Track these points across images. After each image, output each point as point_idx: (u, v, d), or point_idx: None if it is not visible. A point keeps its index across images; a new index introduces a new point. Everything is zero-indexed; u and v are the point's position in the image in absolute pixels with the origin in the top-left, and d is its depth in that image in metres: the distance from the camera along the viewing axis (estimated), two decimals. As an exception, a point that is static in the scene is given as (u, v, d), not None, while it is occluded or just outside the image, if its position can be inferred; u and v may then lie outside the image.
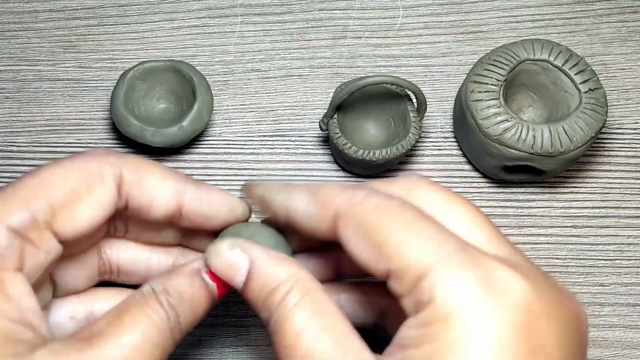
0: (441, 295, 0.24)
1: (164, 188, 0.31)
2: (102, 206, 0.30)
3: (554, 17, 0.54)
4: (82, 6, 0.53)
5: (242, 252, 0.29)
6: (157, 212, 0.32)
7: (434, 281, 0.25)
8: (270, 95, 0.51)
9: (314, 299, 0.27)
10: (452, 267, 0.25)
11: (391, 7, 0.54)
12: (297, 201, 0.29)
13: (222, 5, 0.53)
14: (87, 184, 0.29)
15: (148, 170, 0.31)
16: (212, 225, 0.33)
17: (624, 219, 0.49)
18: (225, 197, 0.33)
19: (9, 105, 0.50)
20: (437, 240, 0.26)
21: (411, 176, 0.30)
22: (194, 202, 0.32)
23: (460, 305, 0.24)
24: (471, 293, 0.24)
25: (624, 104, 0.51)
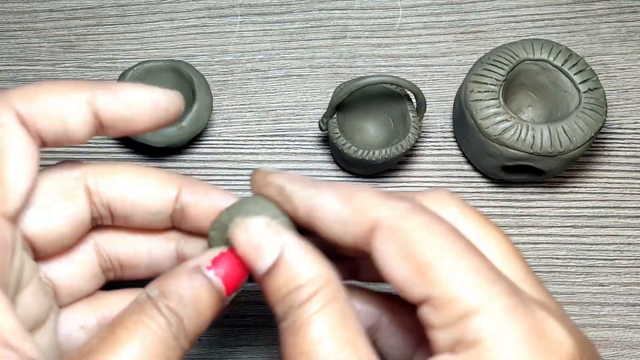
0: (489, 341, 0.23)
1: (72, 105, 0.27)
2: (25, 155, 0.26)
3: (554, 17, 0.54)
4: (81, 6, 0.53)
5: (276, 234, 0.26)
6: (77, 134, 0.28)
7: (483, 324, 0.23)
8: (270, 95, 0.51)
9: (339, 309, 0.25)
10: (503, 311, 0.23)
11: (391, 7, 0.54)
12: (327, 201, 0.26)
13: (221, 5, 0.53)
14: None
15: (46, 94, 0.27)
16: (141, 126, 0.28)
17: (624, 219, 0.49)
18: (143, 91, 0.28)
19: (9, 105, 0.50)
20: (488, 277, 0.24)
21: (441, 192, 0.28)
22: (109, 106, 0.27)
23: (508, 355, 0.23)
24: (522, 344, 0.23)
25: (624, 104, 0.51)
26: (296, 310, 0.25)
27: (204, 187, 0.30)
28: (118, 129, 0.28)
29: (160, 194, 0.29)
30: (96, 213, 0.29)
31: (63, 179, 0.29)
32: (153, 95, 0.28)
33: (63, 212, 0.28)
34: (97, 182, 0.29)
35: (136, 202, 0.29)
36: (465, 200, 0.28)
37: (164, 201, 0.30)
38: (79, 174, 0.29)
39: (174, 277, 0.27)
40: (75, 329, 0.30)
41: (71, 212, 0.29)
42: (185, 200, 0.30)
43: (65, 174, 0.29)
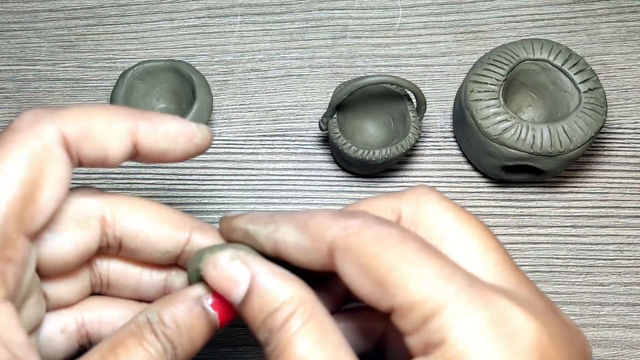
0: (453, 338, 0.23)
1: (115, 132, 0.28)
2: (60, 180, 0.27)
3: (554, 17, 0.54)
4: (81, 6, 0.53)
5: (243, 264, 0.27)
6: (114, 160, 0.28)
7: (444, 322, 0.23)
8: (270, 95, 0.51)
9: (319, 324, 0.25)
10: (463, 306, 0.24)
11: (391, 6, 0.54)
12: (285, 234, 0.27)
13: (221, 5, 0.53)
14: (36, 167, 0.26)
15: (92, 118, 0.27)
16: (173, 158, 0.30)
17: (624, 219, 0.49)
18: (180, 125, 0.29)
19: (9, 105, 0.50)
20: (444, 275, 0.24)
21: (420, 189, 0.28)
22: (149, 138, 0.28)
23: (473, 348, 0.23)
24: (484, 335, 0.23)
25: (624, 104, 0.51)
26: (276, 334, 0.25)
27: (216, 232, 0.31)
28: (152, 159, 0.29)
29: (172, 236, 0.30)
30: (105, 243, 0.30)
31: (81, 206, 0.29)
32: (189, 129, 0.29)
33: (74, 239, 0.29)
34: (114, 215, 0.29)
35: (148, 240, 0.30)
36: (442, 194, 0.28)
37: (175, 243, 0.30)
38: (97, 204, 0.29)
39: (173, 304, 0.28)
40: (56, 332, 0.31)
41: (82, 241, 0.29)
42: (195, 243, 0.31)
43: (84, 202, 0.29)
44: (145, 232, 0.29)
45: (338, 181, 0.49)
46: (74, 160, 0.28)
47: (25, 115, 0.27)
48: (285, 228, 0.27)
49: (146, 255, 0.30)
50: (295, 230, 0.27)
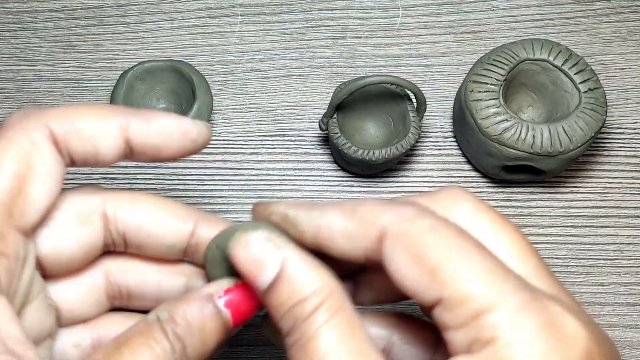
0: (505, 337, 0.23)
1: (105, 129, 0.27)
2: (50, 174, 0.27)
3: (554, 17, 0.54)
4: (81, 6, 0.53)
5: (276, 247, 0.26)
6: (106, 157, 0.28)
7: (497, 320, 0.23)
8: (270, 95, 0.51)
9: (346, 319, 0.25)
10: (517, 307, 0.23)
11: (391, 6, 0.54)
12: (332, 218, 0.26)
13: (221, 5, 0.53)
14: (24, 161, 0.26)
15: (81, 116, 0.27)
16: (169, 154, 0.29)
17: (624, 219, 0.49)
18: (174, 121, 0.28)
19: (9, 105, 0.50)
20: (499, 275, 0.24)
21: (454, 190, 0.28)
22: (141, 134, 0.28)
23: (526, 350, 0.23)
24: (538, 339, 0.23)
25: (624, 104, 0.51)
26: (302, 325, 0.25)
27: (221, 222, 0.31)
28: (147, 156, 0.29)
29: (176, 228, 0.30)
30: (110, 240, 0.30)
31: (82, 203, 0.29)
32: (183, 125, 0.29)
33: (76, 236, 0.29)
34: (116, 210, 0.29)
35: (151, 234, 0.29)
36: (477, 197, 0.28)
37: (179, 235, 0.30)
38: (98, 200, 0.29)
39: (185, 303, 0.27)
40: (69, 347, 0.30)
41: (84, 237, 0.29)
42: (200, 235, 0.30)
43: (85, 199, 0.29)
44: (148, 225, 0.29)
45: (338, 181, 0.49)
46: (65, 157, 0.28)
47: (14, 114, 0.27)
48: (331, 213, 0.26)
49: (153, 251, 0.30)
50: (342, 215, 0.26)
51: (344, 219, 0.26)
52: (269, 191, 0.49)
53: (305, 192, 0.49)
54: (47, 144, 0.27)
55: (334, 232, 0.26)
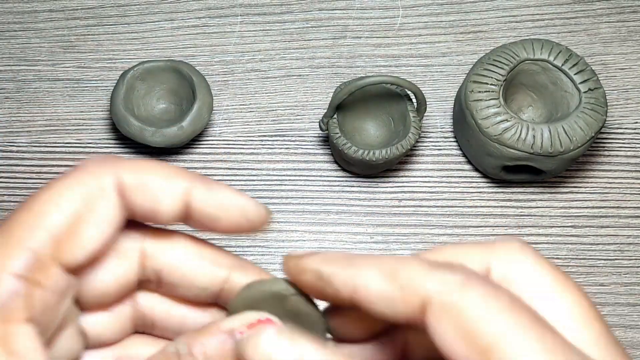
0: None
1: (169, 189, 0.28)
2: (108, 221, 0.27)
3: (554, 17, 0.54)
4: (81, 6, 0.53)
5: (290, 344, 0.25)
6: (165, 216, 0.29)
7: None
8: (270, 95, 0.51)
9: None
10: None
11: (391, 7, 0.54)
12: (371, 280, 0.25)
13: (221, 5, 0.53)
14: (86, 203, 0.27)
15: (150, 172, 0.28)
16: (223, 228, 0.29)
17: (624, 219, 0.49)
18: (235, 196, 0.28)
19: (9, 105, 0.50)
20: (559, 353, 0.22)
21: (513, 243, 0.26)
22: (202, 202, 0.28)
23: None
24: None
25: (624, 104, 0.51)
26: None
27: (256, 270, 0.30)
28: (203, 224, 0.29)
29: (211, 272, 0.29)
30: (145, 277, 0.30)
31: (122, 238, 0.29)
32: (244, 202, 0.28)
33: (113, 271, 0.29)
34: (154, 247, 0.29)
35: (186, 275, 0.29)
36: (538, 252, 0.26)
37: (213, 279, 0.30)
38: (137, 237, 0.29)
39: (204, 336, 0.27)
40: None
41: (120, 272, 0.29)
42: (234, 281, 0.30)
43: (125, 234, 0.29)
44: (184, 267, 0.29)
45: (338, 181, 0.49)
46: (127, 209, 0.28)
47: (91, 158, 0.28)
48: (369, 273, 0.25)
49: (185, 291, 0.30)
50: (381, 277, 0.25)
51: (384, 281, 0.25)
52: (268, 191, 0.49)
53: (305, 192, 0.49)
54: (113, 192, 0.27)
55: (372, 295, 0.25)
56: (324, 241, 0.48)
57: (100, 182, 0.27)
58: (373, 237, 0.48)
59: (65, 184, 0.27)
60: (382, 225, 0.48)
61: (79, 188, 0.27)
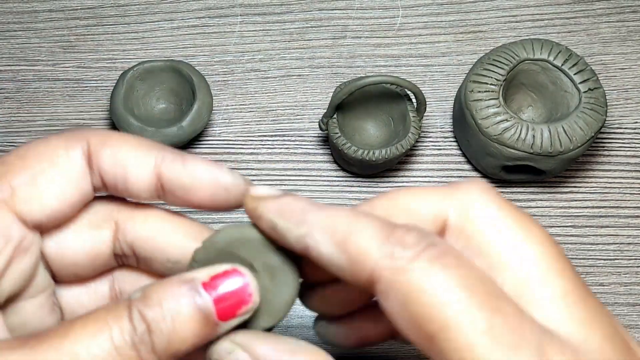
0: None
1: (139, 158, 0.27)
2: (72, 182, 0.27)
3: (554, 17, 0.54)
4: (81, 6, 0.53)
5: (244, 353, 0.25)
6: (136, 186, 0.27)
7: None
8: (270, 95, 0.51)
9: None
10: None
11: (391, 7, 0.54)
12: (320, 244, 0.24)
13: (221, 5, 0.53)
14: (51, 163, 0.26)
15: (119, 141, 0.27)
16: (199, 199, 0.28)
17: (624, 219, 0.49)
18: (208, 165, 0.27)
19: (9, 105, 0.50)
20: (513, 344, 0.21)
21: (473, 186, 0.25)
22: (173, 172, 0.27)
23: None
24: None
25: (624, 104, 0.51)
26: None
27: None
28: (177, 196, 0.28)
29: (183, 244, 0.29)
30: (119, 250, 0.29)
31: (95, 208, 0.29)
32: (217, 171, 0.27)
33: (84, 239, 0.28)
34: (127, 220, 0.29)
35: (158, 247, 0.29)
36: (499, 193, 0.25)
37: (185, 251, 0.29)
38: (111, 209, 0.29)
39: (163, 285, 0.25)
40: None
41: (92, 242, 0.28)
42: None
43: (99, 205, 0.29)
44: (156, 238, 0.29)
45: (338, 181, 0.49)
46: (95, 175, 0.28)
47: (67, 130, 0.28)
48: (319, 237, 0.24)
49: (159, 265, 0.29)
50: (331, 245, 0.23)
51: (334, 251, 0.23)
52: (269, 191, 0.49)
53: (305, 192, 0.49)
54: (81, 158, 0.27)
55: (323, 261, 0.24)
56: (324, 241, 0.48)
57: (67, 144, 0.27)
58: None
59: (34, 144, 0.27)
60: (382, 225, 0.48)
61: (46, 149, 0.27)
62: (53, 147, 0.27)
